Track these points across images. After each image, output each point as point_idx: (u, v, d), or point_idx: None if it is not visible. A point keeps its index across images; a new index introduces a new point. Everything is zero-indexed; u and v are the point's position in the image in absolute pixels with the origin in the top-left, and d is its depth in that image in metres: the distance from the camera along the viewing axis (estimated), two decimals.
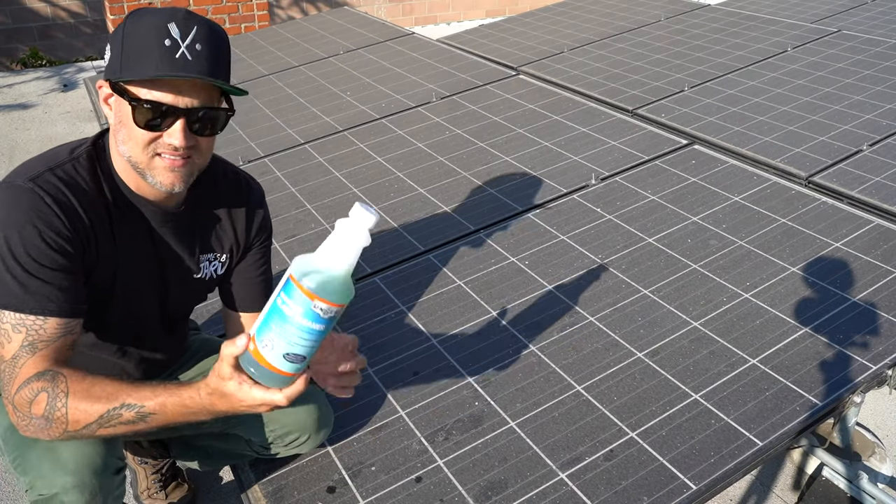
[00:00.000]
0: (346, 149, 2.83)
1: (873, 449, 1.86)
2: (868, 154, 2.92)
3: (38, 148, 3.92)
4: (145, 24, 1.09)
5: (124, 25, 1.11)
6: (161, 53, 1.08)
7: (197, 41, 1.10)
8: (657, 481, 1.38)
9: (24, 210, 1.10)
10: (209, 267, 1.37)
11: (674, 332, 1.74)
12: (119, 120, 1.15)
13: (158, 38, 1.08)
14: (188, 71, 1.09)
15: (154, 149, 1.14)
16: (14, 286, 1.08)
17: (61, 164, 1.16)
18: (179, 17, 1.10)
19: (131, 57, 1.09)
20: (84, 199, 1.16)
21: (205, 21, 1.12)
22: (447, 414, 1.57)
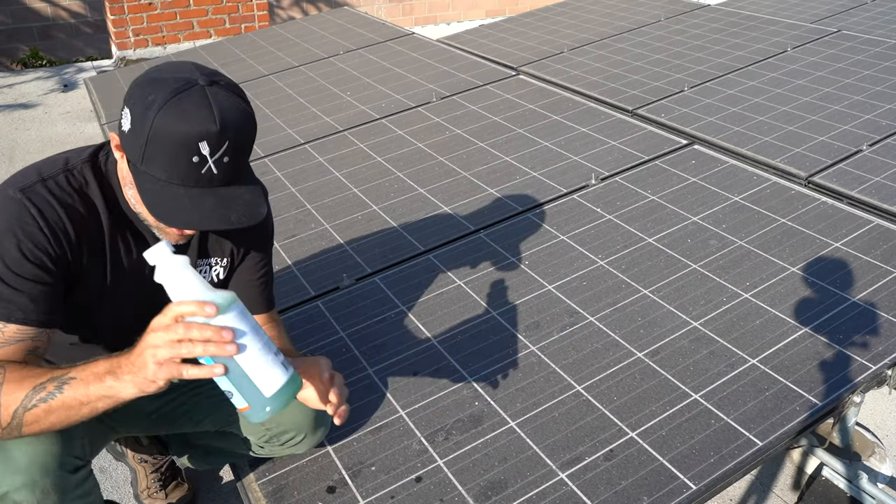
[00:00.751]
0: (346, 149, 2.83)
1: (873, 449, 1.86)
2: (868, 154, 2.92)
3: (38, 148, 3.93)
4: (176, 135, 1.04)
5: (154, 118, 1.04)
6: (187, 169, 1.05)
7: (225, 154, 1.07)
8: (657, 481, 1.38)
9: (8, 219, 1.10)
10: (209, 272, 1.36)
11: (674, 332, 1.74)
12: (131, 183, 1.13)
13: (187, 153, 1.04)
14: (212, 186, 1.08)
15: None
16: None
17: (54, 176, 1.15)
18: (213, 134, 1.04)
19: (154, 159, 1.06)
20: (73, 213, 1.15)
21: (235, 130, 1.07)
22: (447, 414, 1.57)
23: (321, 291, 2.00)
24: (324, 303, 1.95)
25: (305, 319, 1.89)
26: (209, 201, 1.08)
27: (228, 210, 1.09)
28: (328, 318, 1.89)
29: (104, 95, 3.84)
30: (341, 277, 2.05)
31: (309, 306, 1.94)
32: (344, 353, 1.77)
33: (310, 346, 1.79)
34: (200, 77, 1.08)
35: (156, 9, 4.94)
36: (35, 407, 1.05)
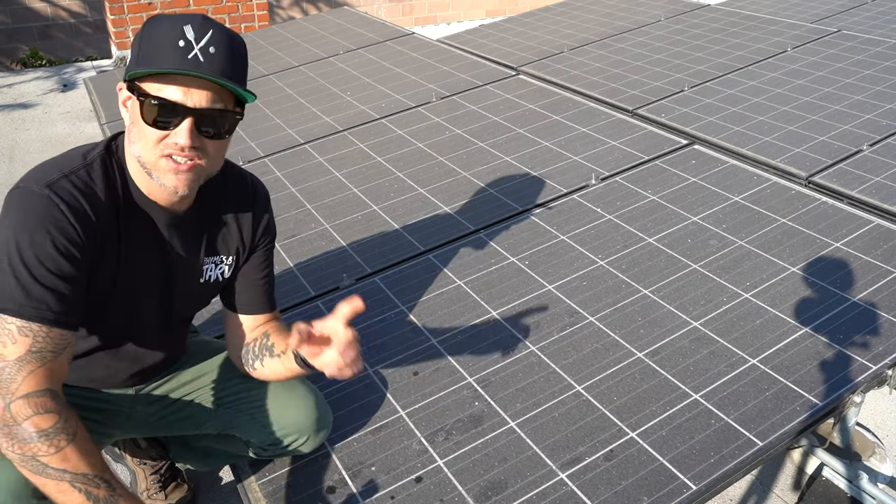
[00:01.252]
0: (346, 149, 2.83)
1: (873, 449, 1.86)
2: (868, 154, 2.92)
3: (38, 148, 3.92)
4: (163, 27, 1.12)
5: (143, 28, 1.14)
6: (174, 52, 1.09)
7: (211, 44, 1.11)
8: (657, 481, 1.38)
9: (39, 215, 1.11)
10: (215, 270, 1.37)
11: (674, 332, 1.74)
12: (132, 120, 1.16)
13: (174, 39, 1.10)
14: (200, 71, 1.10)
15: (162, 149, 1.14)
16: (17, 291, 1.08)
17: (76, 171, 1.17)
18: (196, 21, 1.12)
19: (146, 56, 1.11)
20: (97, 206, 1.17)
21: (222, 27, 1.14)
22: (447, 414, 1.57)
23: (321, 291, 2.00)
24: (324, 303, 1.95)
25: (305, 319, 1.89)
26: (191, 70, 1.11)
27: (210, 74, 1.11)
28: None
29: (104, 95, 3.83)
30: (341, 277, 2.05)
31: (309, 306, 1.94)
32: None
33: None
34: None
35: (156, 9, 4.94)
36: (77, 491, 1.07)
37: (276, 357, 1.35)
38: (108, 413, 1.41)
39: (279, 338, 1.37)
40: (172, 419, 1.48)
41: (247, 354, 1.40)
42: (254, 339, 1.41)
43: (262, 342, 1.38)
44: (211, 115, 1.14)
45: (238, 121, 1.19)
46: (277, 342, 1.36)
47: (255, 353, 1.39)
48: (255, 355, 1.39)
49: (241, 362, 1.42)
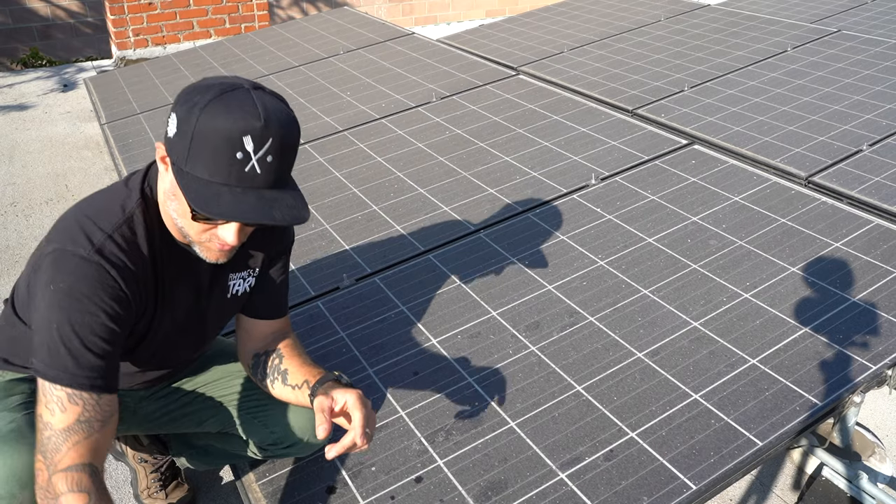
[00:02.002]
0: (346, 149, 2.83)
1: (873, 449, 1.86)
2: (868, 154, 2.92)
3: (38, 148, 3.92)
4: (220, 125, 1.04)
5: (198, 116, 1.05)
6: (230, 166, 1.05)
7: (269, 153, 1.06)
8: (657, 481, 1.38)
9: (91, 284, 1.10)
10: (242, 284, 1.37)
11: (674, 332, 1.74)
12: (174, 193, 1.13)
13: (231, 149, 1.04)
14: (254, 185, 1.07)
15: (207, 235, 1.15)
16: (68, 360, 1.08)
17: (119, 227, 1.15)
18: (257, 129, 1.04)
19: (198, 158, 1.05)
20: (142, 264, 1.17)
21: (279, 127, 1.07)
22: (447, 414, 1.57)
23: (321, 291, 2.00)
24: (324, 303, 1.95)
25: (305, 319, 1.89)
26: (252, 199, 1.07)
27: (271, 208, 1.07)
28: (328, 318, 1.89)
29: (104, 95, 3.83)
30: (341, 277, 2.05)
31: (309, 306, 1.94)
32: (344, 353, 1.77)
33: (310, 346, 1.79)
34: (245, 83, 1.09)
35: (156, 9, 4.94)
36: None
37: (290, 387, 1.33)
38: None
39: (294, 365, 1.35)
40: (176, 415, 1.49)
41: (257, 368, 1.39)
42: (265, 350, 1.39)
43: (274, 363, 1.36)
44: None
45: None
46: (292, 371, 1.34)
47: (265, 372, 1.37)
48: (265, 373, 1.38)
49: (250, 371, 1.41)
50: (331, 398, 1.20)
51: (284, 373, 1.34)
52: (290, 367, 1.34)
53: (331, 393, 1.21)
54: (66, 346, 1.08)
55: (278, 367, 1.35)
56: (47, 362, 1.08)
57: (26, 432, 1.17)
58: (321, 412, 1.16)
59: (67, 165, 3.71)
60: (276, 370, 1.35)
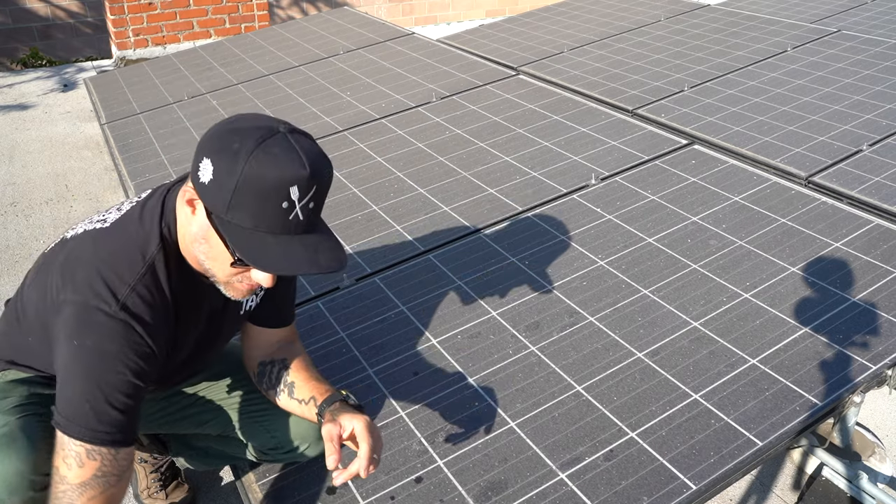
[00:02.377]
0: (346, 149, 2.83)
1: (873, 449, 1.86)
2: (868, 154, 2.92)
3: (38, 148, 3.92)
4: (268, 181, 1.03)
5: (244, 166, 1.03)
6: (275, 215, 1.05)
7: (312, 200, 1.07)
8: (657, 481, 1.38)
9: (117, 341, 1.10)
10: (256, 299, 1.38)
11: (674, 332, 1.74)
12: (204, 237, 1.12)
13: (278, 198, 1.04)
14: (296, 233, 1.08)
15: (238, 277, 1.15)
16: (91, 417, 1.08)
17: (142, 278, 1.14)
18: (304, 179, 1.04)
19: (243, 207, 1.04)
20: (164, 313, 1.16)
21: (321, 173, 1.08)
22: (447, 414, 1.57)
23: (321, 291, 2.00)
24: (324, 303, 1.95)
25: (305, 319, 1.89)
26: (297, 248, 1.07)
27: (316, 254, 1.08)
28: (328, 319, 1.89)
29: (104, 95, 3.84)
30: (341, 277, 2.05)
31: (309, 306, 1.94)
32: (344, 353, 1.77)
33: (310, 346, 1.79)
34: (279, 125, 1.08)
35: (156, 8, 4.94)
36: None
37: (296, 401, 1.33)
38: None
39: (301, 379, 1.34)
40: (176, 416, 1.49)
41: (263, 377, 1.38)
42: (271, 359, 1.39)
43: (280, 374, 1.36)
44: None
45: None
46: (299, 385, 1.33)
47: (271, 382, 1.37)
48: (271, 384, 1.37)
49: (256, 379, 1.41)
50: (339, 425, 1.20)
51: (291, 385, 1.34)
52: (297, 380, 1.34)
53: (339, 419, 1.21)
54: (89, 404, 1.07)
55: (284, 378, 1.35)
56: (69, 416, 1.08)
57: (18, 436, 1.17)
58: (330, 441, 1.16)
59: (67, 165, 3.71)
60: (282, 381, 1.35)
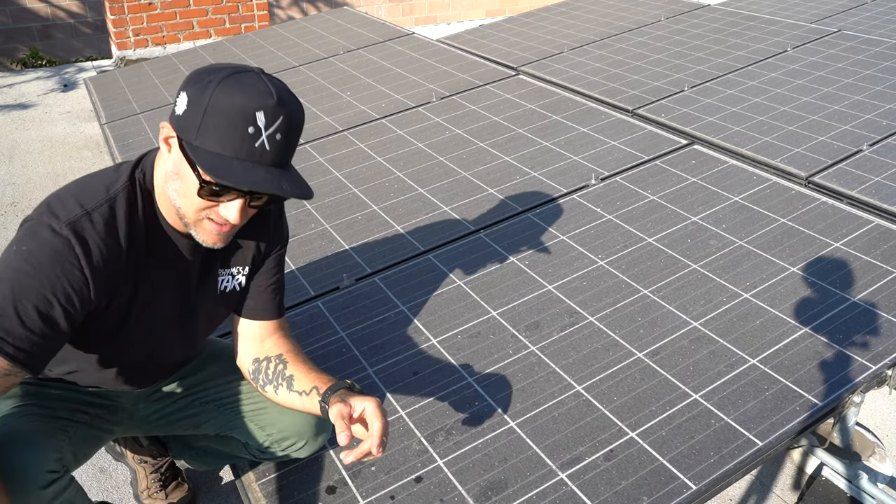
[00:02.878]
0: (346, 149, 2.83)
1: (873, 449, 1.86)
2: (868, 154, 2.92)
3: (38, 148, 3.93)
4: (235, 104, 1.07)
5: (214, 90, 1.08)
6: (241, 140, 1.07)
7: (279, 131, 1.10)
8: (657, 481, 1.38)
9: (51, 257, 1.10)
10: (232, 281, 1.37)
11: (674, 332, 1.74)
12: (177, 172, 1.14)
13: (244, 122, 1.07)
14: (263, 161, 1.09)
15: (207, 213, 1.15)
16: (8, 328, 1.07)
17: (98, 206, 1.15)
18: (270, 106, 1.08)
19: (210, 131, 1.08)
20: (115, 248, 1.16)
21: (289, 107, 1.11)
22: (447, 414, 1.57)
23: (321, 291, 2.00)
24: (324, 303, 1.95)
25: (305, 319, 1.89)
26: (261, 172, 1.10)
27: (280, 181, 1.10)
28: (328, 318, 1.89)
29: (104, 95, 3.84)
30: (341, 277, 2.05)
31: (309, 306, 1.94)
32: (344, 353, 1.77)
33: (310, 346, 1.79)
34: (254, 68, 1.14)
35: (156, 8, 4.94)
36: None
37: (296, 393, 1.32)
38: (110, 409, 1.41)
39: (301, 371, 1.34)
40: (173, 418, 1.49)
41: (258, 374, 1.38)
42: (265, 356, 1.38)
43: (277, 368, 1.35)
44: (260, 196, 1.15)
45: (284, 199, 1.19)
46: (298, 377, 1.33)
47: (268, 377, 1.36)
48: (268, 379, 1.36)
49: (251, 376, 1.40)
50: (349, 405, 1.20)
51: (290, 378, 1.33)
52: (296, 372, 1.33)
53: (348, 400, 1.21)
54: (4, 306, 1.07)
55: (282, 372, 1.34)
56: None
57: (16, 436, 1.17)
58: (340, 419, 1.16)
59: (67, 165, 3.71)
60: (280, 376, 1.34)
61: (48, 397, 1.31)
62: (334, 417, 1.18)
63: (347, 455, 1.15)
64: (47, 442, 1.19)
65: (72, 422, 1.31)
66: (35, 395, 1.29)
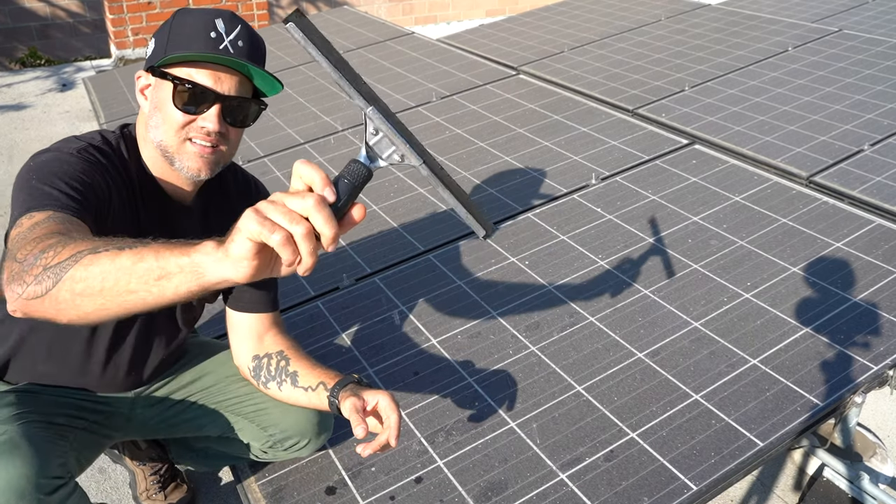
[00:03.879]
0: (346, 149, 2.82)
1: (874, 449, 1.85)
2: (869, 154, 2.92)
3: (38, 147, 3.92)
4: (192, 17, 1.17)
5: (171, 20, 1.19)
6: (206, 42, 1.14)
7: (240, 38, 1.17)
8: (658, 482, 1.38)
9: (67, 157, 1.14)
10: None
11: (674, 332, 1.74)
12: (155, 105, 1.20)
13: (205, 29, 1.15)
14: (231, 59, 1.15)
15: (186, 133, 1.18)
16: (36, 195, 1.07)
17: (98, 143, 1.22)
18: (226, 16, 1.18)
19: (177, 43, 1.15)
20: (123, 169, 1.22)
21: (247, 24, 1.21)
22: (447, 414, 1.57)
23: (321, 291, 2.00)
24: (324, 303, 1.94)
25: (305, 319, 1.89)
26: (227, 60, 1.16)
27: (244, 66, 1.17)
28: (328, 318, 1.88)
29: (103, 95, 3.83)
30: (341, 277, 2.04)
31: (309, 306, 1.94)
32: (344, 353, 1.76)
33: (310, 346, 1.79)
34: None
35: (155, 8, 4.94)
36: (103, 251, 0.87)
37: (301, 389, 1.31)
38: (107, 415, 1.40)
39: (304, 367, 1.33)
40: (172, 422, 1.48)
41: (259, 371, 1.37)
42: (266, 354, 1.37)
43: (280, 365, 1.34)
44: (238, 103, 1.19)
45: (262, 111, 1.24)
46: (303, 374, 1.32)
47: (270, 374, 1.35)
48: (270, 376, 1.35)
49: (251, 374, 1.39)
50: (362, 399, 1.20)
51: (294, 375, 1.32)
52: (300, 368, 1.33)
53: (360, 394, 1.22)
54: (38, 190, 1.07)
55: (285, 368, 1.34)
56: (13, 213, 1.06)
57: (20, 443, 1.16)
58: (355, 413, 1.17)
59: None
60: (283, 372, 1.34)
61: (45, 403, 1.30)
62: (348, 412, 1.18)
63: (365, 448, 1.17)
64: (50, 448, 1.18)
65: (71, 427, 1.31)
66: (31, 402, 1.28)
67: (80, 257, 0.87)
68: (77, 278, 0.86)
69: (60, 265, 0.88)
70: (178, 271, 0.81)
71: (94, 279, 0.85)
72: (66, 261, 0.88)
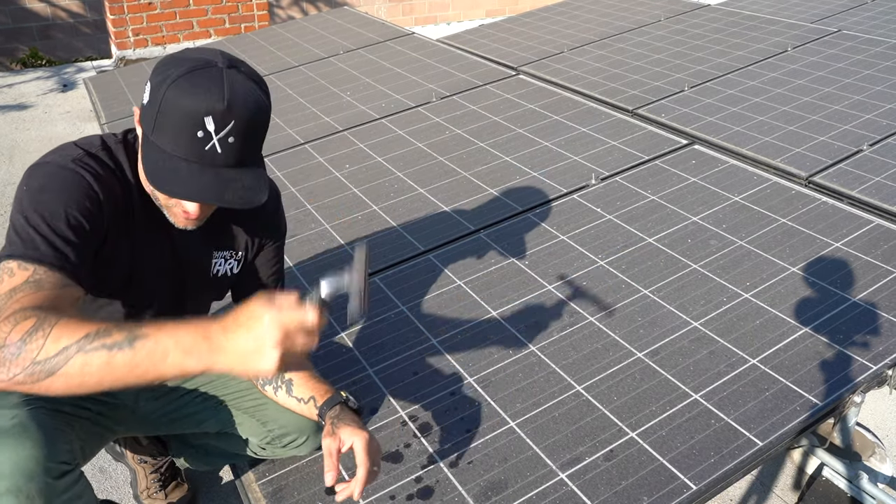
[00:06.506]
0: (346, 149, 2.83)
1: (873, 449, 1.86)
2: (868, 154, 2.92)
3: (38, 148, 3.92)
4: (183, 107, 1.07)
5: (166, 89, 1.08)
6: (191, 142, 1.08)
7: (231, 135, 1.09)
8: (657, 481, 1.38)
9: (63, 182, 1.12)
10: (224, 265, 1.38)
11: (674, 332, 1.74)
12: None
13: (193, 127, 1.07)
14: (214, 164, 1.09)
15: (173, 202, 1.18)
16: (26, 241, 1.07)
17: (99, 151, 1.20)
18: (219, 111, 1.07)
19: (163, 130, 1.09)
20: (113, 184, 1.19)
21: (244, 110, 1.09)
22: (447, 414, 1.57)
23: None
24: None
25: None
26: (207, 177, 1.09)
27: (224, 189, 1.10)
28: (328, 318, 1.88)
29: (104, 95, 3.83)
30: None
31: None
32: (344, 352, 1.77)
33: None
34: (221, 60, 1.11)
35: (155, 8, 4.94)
36: (93, 351, 0.92)
37: (294, 399, 1.36)
38: (112, 406, 1.41)
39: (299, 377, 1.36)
40: (174, 416, 1.49)
41: None
42: None
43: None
44: None
45: None
46: (297, 383, 1.36)
47: (267, 378, 1.37)
48: (267, 380, 1.38)
49: None
50: (339, 439, 1.23)
51: (289, 383, 1.35)
52: (295, 377, 1.36)
53: (339, 432, 1.24)
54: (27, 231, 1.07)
55: (281, 375, 1.36)
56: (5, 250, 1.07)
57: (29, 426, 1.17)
58: (329, 457, 1.20)
59: None
60: (279, 378, 1.37)
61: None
62: (324, 453, 1.22)
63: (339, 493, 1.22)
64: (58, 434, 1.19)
65: (76, 417, 1.31)
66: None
67: (69, 355, 0.92)
68: (72, 374, 0.93)
69: (50, 361, 0.93)
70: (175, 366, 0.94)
71: (91, 378, 0.93)
72: (56, 357, 0.93)
